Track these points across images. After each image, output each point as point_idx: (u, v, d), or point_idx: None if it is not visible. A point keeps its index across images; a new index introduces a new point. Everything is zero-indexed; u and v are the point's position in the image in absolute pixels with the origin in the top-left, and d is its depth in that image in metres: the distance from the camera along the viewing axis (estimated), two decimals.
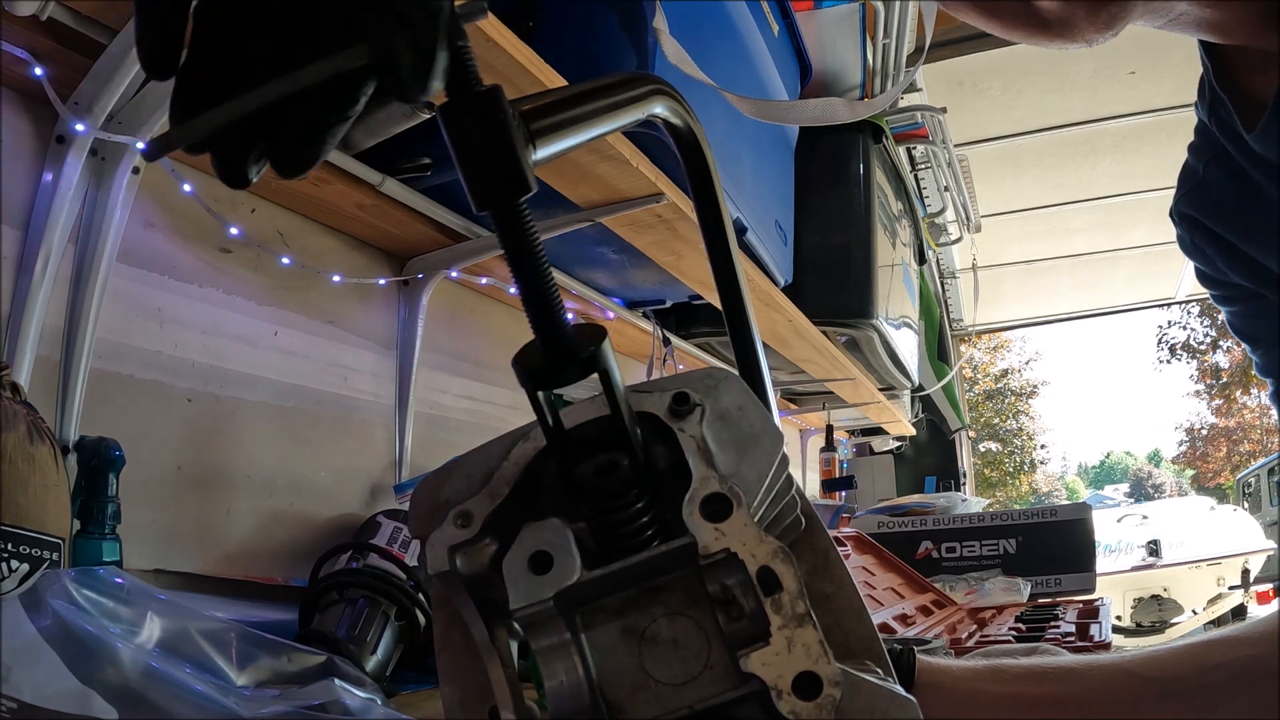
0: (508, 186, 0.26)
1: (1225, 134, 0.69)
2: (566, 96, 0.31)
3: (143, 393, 1.05)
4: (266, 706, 0.65)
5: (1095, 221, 4.46)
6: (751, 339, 0.46)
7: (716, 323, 1.98)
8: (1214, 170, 0.73)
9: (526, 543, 0.30)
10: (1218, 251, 0.75)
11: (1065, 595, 2.01)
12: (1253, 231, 0.71)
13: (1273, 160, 0.64)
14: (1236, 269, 0.74)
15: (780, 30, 1.71)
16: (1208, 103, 0.70)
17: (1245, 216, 0.71)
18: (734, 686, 0.29)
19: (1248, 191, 0.69)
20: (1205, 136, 0.74)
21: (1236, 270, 0.74)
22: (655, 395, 0.34)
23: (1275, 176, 0.65)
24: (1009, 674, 0.65)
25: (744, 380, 0.45)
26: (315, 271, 1.28)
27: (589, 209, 1.29)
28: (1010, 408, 19.65)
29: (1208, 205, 0.75)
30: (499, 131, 0.26)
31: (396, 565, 1.04)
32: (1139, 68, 3.08)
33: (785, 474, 0.33)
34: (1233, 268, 0.75)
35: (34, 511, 0.75)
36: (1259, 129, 0.63)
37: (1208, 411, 21.15)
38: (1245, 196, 0.70)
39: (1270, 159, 0.65)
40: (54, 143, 0.91)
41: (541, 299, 0.28)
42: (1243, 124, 0.65)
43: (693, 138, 0.42)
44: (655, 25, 1.02)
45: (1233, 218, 0.73)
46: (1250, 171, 0.68)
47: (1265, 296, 0.73)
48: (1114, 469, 36.50)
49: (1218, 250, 0.75)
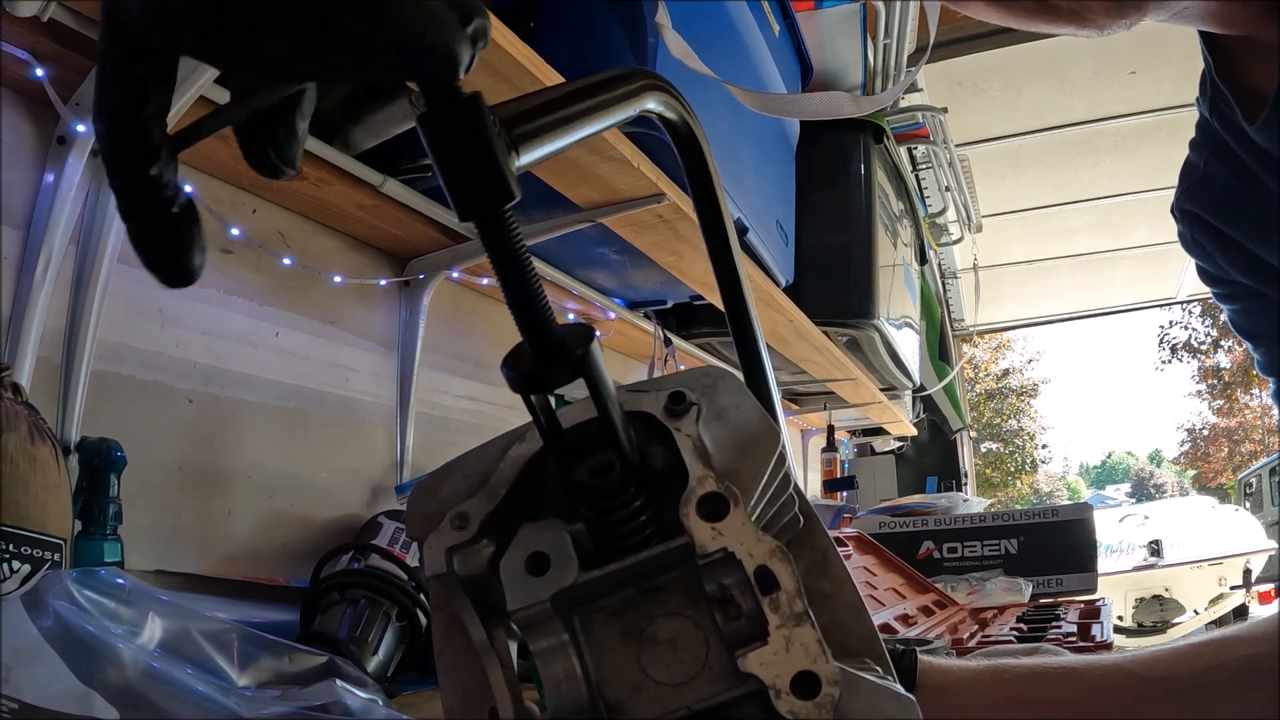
0: (491, 196, 0.26)
1: (1226, 128, 0.69)
2: (551, 99, 0.31)
3: (144, 393, 1.05)
4: (268, 707, 0.65)
5: (1096, 221, 4.46)
6: (754, 336, 0.45)
7: (717, 323, 1.98)
8: (1215, 165, 0.73)
9: (524, 544, 0.30)
10: (1219, 248, 0.75)
11: (1067, 595, 2.00)
12: (1254, 226, 0.71)
13: (1274, 153, 0.64)
14: (1237, 265, 0.74)
15: (781, 30, 1.71)
16: (1209, 97, 0.70)
17: (1246, 211, 0.71)
18: (732, 686, 0.29)
19: (1249, 186, 0.69)
20: (1206, 132, 0.74)
21: (1237, 267, 0.74)
22: (651, 395, 0.34)
23: (1276, 170, 0.65)
24: (1010, 675, 0.65)
25: (748, 378, 0.45)
26: (316, 272, 1.28)
27: (590, 209, 1.29)
28: (1011, 408, 19.64)
29: (1208, 200, 0.75)
30: (479, 141, 0.25)
31: (398, 566, 1.04)
32: (1139, 68, 3.08)
33: (783, 473, 0.33)
34: (1234, 264, 0.74)
35: (35, 512, 0.75)
36: (1260, 121, 0.63)
37: (1209, 411, 21.14)
38: (1246, 191, 0.70)
39: (1271, 152, 0.64)
40: (55, 144, 0.91)
41: (528, 304, 0.28)
42: (1244, 117, 0.65)
43: (689, 132, 0.42)
44: (657, 20, 1.01)
45: (1233, 213, 0.73)
46: (1251, 165, 0.68)
47: (1266, 294, 0.73)
48: (1115, 469, 36.48)
49: (1219, 246, 0.75)
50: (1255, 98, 0.64)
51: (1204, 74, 0.70)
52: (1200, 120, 0.74)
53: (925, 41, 2.41)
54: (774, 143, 1.77)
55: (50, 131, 0.92)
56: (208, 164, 1.11)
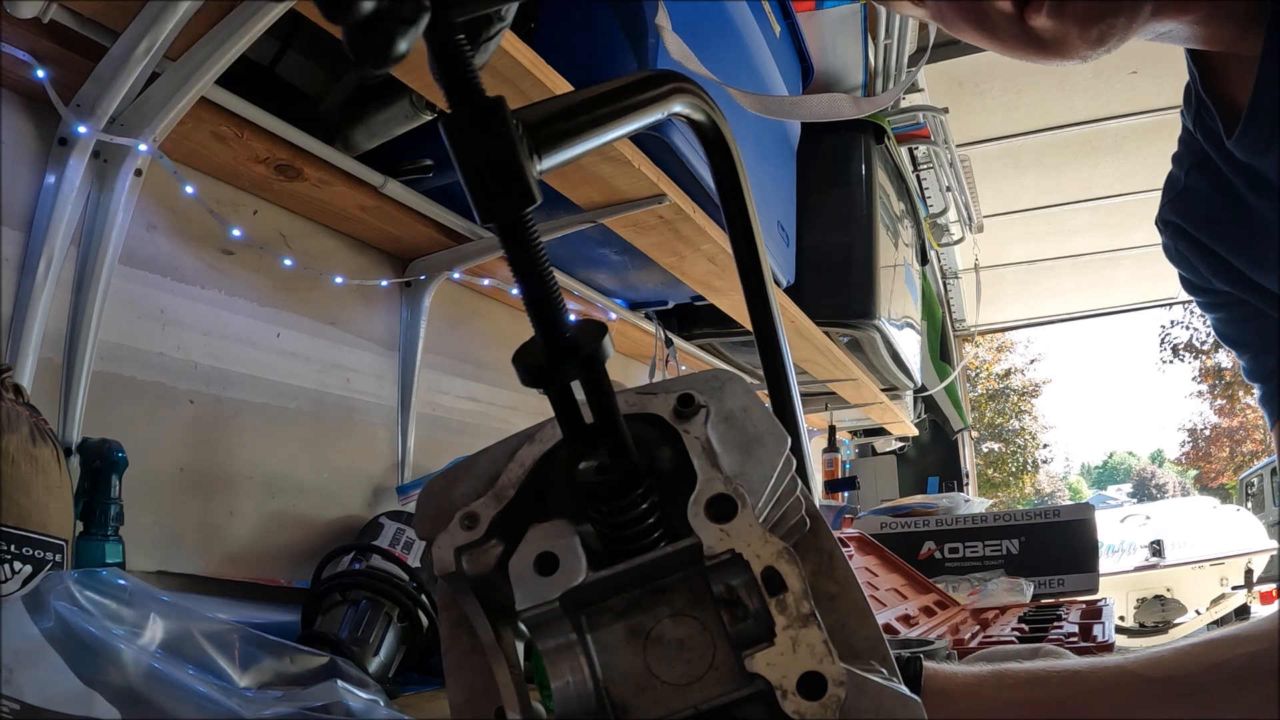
0: (512, 199, 0.26)
1: (1209, 140, 0.70)
2: (576, 102, 0.31)
3: (145, 394, 1.05)
4: (269, 708, 0.65)
5: (1097, 221, 4.46)
6: (775, 330, 0.45)
7: (718, 323, 1.98)
8: (1196, 177, 0.74)
9: (532, 544, 0.30)
10: (1200, 258, 0.76)
11: (1068, 596, 2.00)
12: (1233, 239, 0.73)
13: (1251, 166, 0.65)
14: (1219, 275, 0.75)
15: (782, 31, 1.71)
16: (1194, 110, 0.71)
17: (1225, 224, 0.72)
18: (739, 687, 0.29)
19: (1228, 198, 0.70)
20: (1188, 145, 0.75)
21: (1219, 276, 0.75)
22: (660, 397, 0.34)
23: (1253, 183, 0.66)
24: (1013, 679, 0.65)
25: (769, 373, 0.45)
26: (317, 273, 1.28)
27: (591, 210, 1.29)
28: (1013, 408, 19.64)
29: (1190, 212, 0.76)
30: (502, 144, 0.26)
31: (399, 567, 1.04)
32: (1140, 68, 3.08)
33: (790, 475, 0.33)
34: (1215, 274, 0.76)
35: (36, 513, 0.75)
36: (1237, 134, 0.64)
37: (1210, 411, 21.13)
38: (1226, 203, 0.71)
39: (1249, 164, 0.65)
40: (56, 145, 0.91)
41: (545, 303, 0.28)
42: (1225, 130, 0.66)
43: (717, 132, 0.42)
44: (658, 22, 1.02)
45: (1213, 225, 0.74)
46: (1231, 177, 0.69)
47: (1248, 302, 0.74)
48: (1117, 469, 36.49)
49: (1200, 257, 0.76)
50: (1236, 111, 0.65)
51: (1188, 86, 0.71)
52: (1183, 133, 0.76)
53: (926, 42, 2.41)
54: (775, 143, 1.77)
55: (51, 133, 0.92)
56: (208, 165, 1.11)
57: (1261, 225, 0.67)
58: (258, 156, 1.09)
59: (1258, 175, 0.66)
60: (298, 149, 1.09)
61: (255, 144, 1.06)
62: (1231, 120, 0.66)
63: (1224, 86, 0.67)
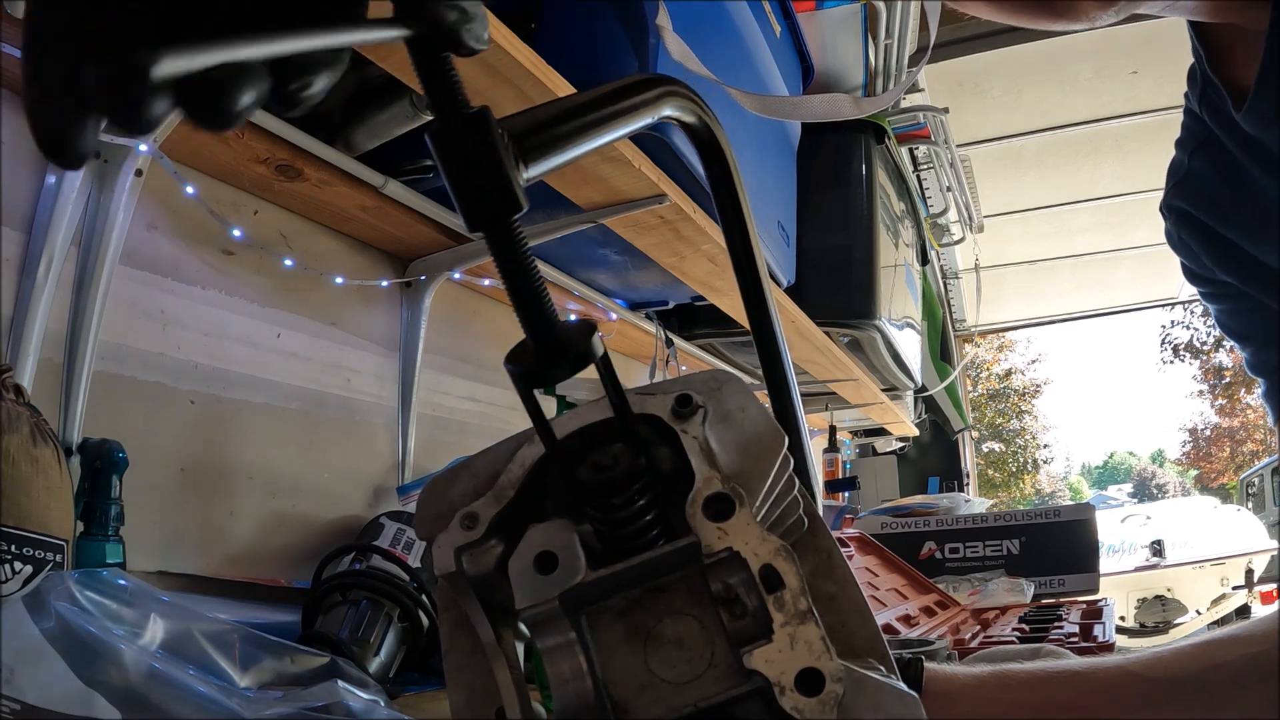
0: (498, 208, 0.26)
1: (1216, 119, 0.70)
2: (563, 109, 0.31)
3: (145, 395, 1.05)
4: (269, 708, 0.65)
5: (1097, 221, 4.46)
6: (773, 331, 0.45)
7: (719, 323, 1.98)
8: (1200, 160, 0.73)
9: (532, 543, 0.30)
10: (1204, 245, 0.76)
11: (1069, 596, 2.00)
12: (1240, 220, 0.72)
13: (1260, 139, 0.65)
14: (1222, 264, 0.75)
15: (782, 31, 1.71)
16: (1199, 89, 0.71)
17: (1231, 205, 0.72)
18: (738, 684, 0.29)
19: (1232, 178, 0.70)
20: (1191, 128, 0.75)
21: (1223, 265, 0.75)
22: (658, 397, 0.34)
23: (1262, 157, 0.66)
24: (1013, 680, 0.65)
25: (769, 375, 0.45)
26: (318, 273, 1.29)
27: (591, 210, 1.29)
28: (1014, 408, 19.63)
29: (1193, 195, 0.75)
30: (487, 154, 0.26)
31: (399, 567, 1.04)
32: (1141, 67, 3.08)
33: (788, 474, 0.33)
34: (1219, 263, 0.75)
35: (37, 513, 0.75)
36: (1246, 106, 0.64)
37: (1211, 411, 21.12)
38: (1231, 184, 0.70)
39: (1258, 138, 0.65)
40: None
41: (533, 306, 0.28)
42: (1233, 106, 0.66)
43: (711, 136, 0.42)
44: (658, 22, 1.02)
45: (1218, 206, 0.73)
46: (1237, 155, 0.68)
47: (1251, 294, 0.74)
48: (1117, 469, 36.46)
49: (1204, 244, 0.75)
50: (1244, 87, 0.65)
51: (1193, 67, 0.71)
52: (1186, 118, 0.75)
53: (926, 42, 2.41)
54: (775, 143, 1.77)
55: None
56: (209, 165, 1.11)
57: (1265, 202, 0.67)
58: (258, 157, 1.09)
59: (1265, 149, 0.65)
60: (298, 149, 1.10)
61: (255, 144, 1.06)
62: (1240, 95, 0.65)
63: (1230, 64, 0.67)
